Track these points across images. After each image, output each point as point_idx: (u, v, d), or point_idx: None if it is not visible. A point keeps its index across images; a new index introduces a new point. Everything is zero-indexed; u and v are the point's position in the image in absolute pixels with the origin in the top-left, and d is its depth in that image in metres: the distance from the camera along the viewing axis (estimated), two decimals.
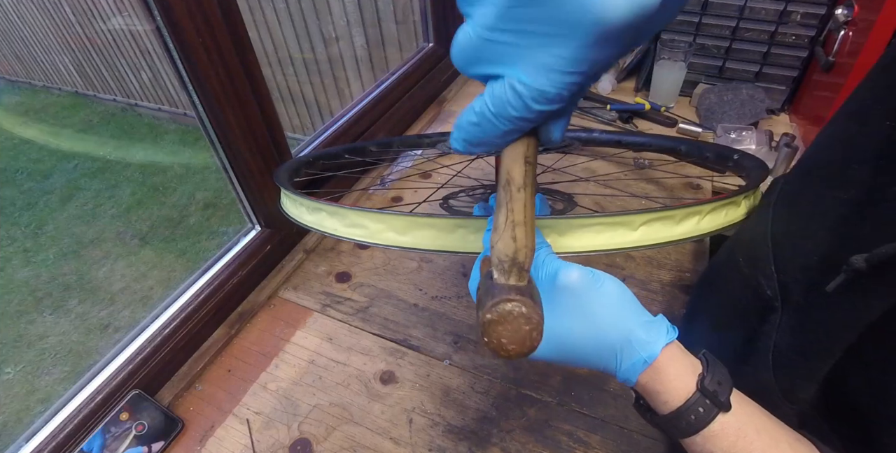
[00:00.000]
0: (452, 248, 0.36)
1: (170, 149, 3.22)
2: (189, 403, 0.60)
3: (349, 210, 0.40)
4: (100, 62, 3.59)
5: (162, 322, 0.63)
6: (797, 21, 0.90)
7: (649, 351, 0.30)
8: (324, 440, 0.55)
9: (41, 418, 0.55)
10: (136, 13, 3.23)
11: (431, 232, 0.36)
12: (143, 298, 2.14)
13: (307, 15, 2.43)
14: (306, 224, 0.46)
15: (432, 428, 0.55)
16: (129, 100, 3.69)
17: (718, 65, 1.00)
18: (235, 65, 0.61)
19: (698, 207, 0.40)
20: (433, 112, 1.09)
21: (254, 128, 0.66)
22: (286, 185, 0.52)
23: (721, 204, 0.42)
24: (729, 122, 0.94)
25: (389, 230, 0.38)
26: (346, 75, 2.56)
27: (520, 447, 0.53)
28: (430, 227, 0.36)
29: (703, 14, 0.96)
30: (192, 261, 2.32)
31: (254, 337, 0.67)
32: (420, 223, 0.36)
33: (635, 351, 0.30)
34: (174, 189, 2.81)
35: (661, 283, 0.70)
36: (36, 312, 2.11)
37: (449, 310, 0.67)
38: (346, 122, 0.91)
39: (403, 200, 0.87)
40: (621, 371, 0.31)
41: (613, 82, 1.09)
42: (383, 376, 0.61)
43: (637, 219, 0.37)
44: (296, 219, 0.48)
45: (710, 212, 0.41)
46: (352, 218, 0.40)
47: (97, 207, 2.71)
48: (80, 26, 3.44)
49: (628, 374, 0.31)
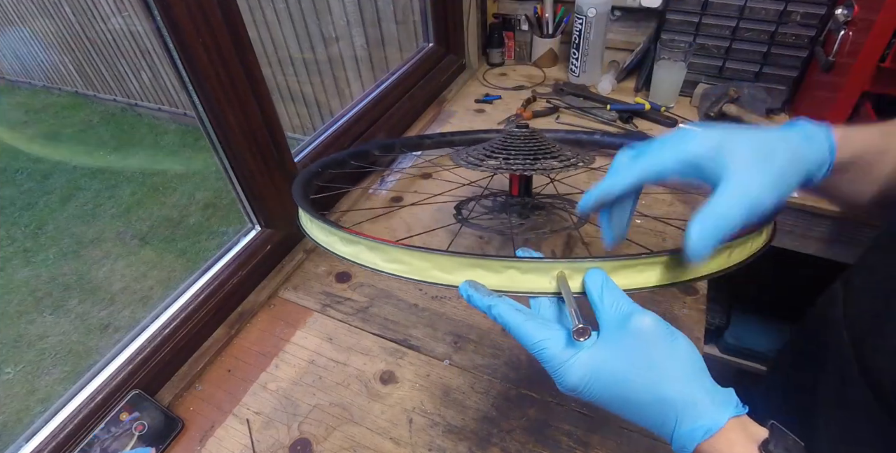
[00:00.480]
0: (503, 288, 0.36)
1: (170, 150, 3.22)
2: (189, 403, 0.60)
3: (391, 247, 0.38)
4: (100, 62, 3.59)
5: (162, 322, 0.63)
6: (797, 21, 0.90)
7: (714, 420, 0.28)
8: (324, 440, 0.55)
9: (41, 418, 0.54)
10: (136, 13, 3.23)
11: (480, 272, 0.36)
12: (143, 298, 2.14)
13: (307, 15, 2.43)
14: (341, 255, 0.43)
15: (432, 428, 0.55)
16: (129, 100, 3.69)
17: (718, 65, 1.00)
18: (235, 65, 0.61)
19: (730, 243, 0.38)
20: (433, 112, 1.09)
21: (254, 128, 0.66)
22: (312, 211, 0.48)
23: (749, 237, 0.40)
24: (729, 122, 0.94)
25: (435, 269, 0.37)
26: (346, 75, 2.56)
27: (520, 447, 0.53)
28: (479, 268, 0.36)
29: (703, 14, 0.96)
30: (192, 261, 2.32)
31: (254, 337, 0.67)
32: (469, 264, 0.36)
33: (698, 417, 0.28)
34: (174, 189, 2.81)
35: None
36: (36, 312, 2.11)
37: (449, 310, 0.67)
38: (346, 122, 0.91)
39: (404, 200, 0.87)
40: (678, 435, 0.29)
41: (613, 82, 1.09)
42: (383, 376, 0.61)
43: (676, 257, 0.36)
44: (328, 248, 0.45)
45: (739, 246, 0.39)
46: (394, 254, 0.38)
47: (97, 207, 2.71)
48: (80, 26, 3.44)
49: (685, 441, 0.28)
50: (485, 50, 1.26)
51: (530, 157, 0.58)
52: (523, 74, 1.22)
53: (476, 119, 1.06)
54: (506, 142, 0.61)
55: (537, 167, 0.56)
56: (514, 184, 0.64)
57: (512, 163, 0.57)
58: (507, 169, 0.56)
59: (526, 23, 1.20)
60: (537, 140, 0.61)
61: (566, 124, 1.02)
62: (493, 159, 0.59)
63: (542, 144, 0.60)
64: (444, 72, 1.14)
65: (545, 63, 1.22)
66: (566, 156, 0.59)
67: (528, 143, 0.60)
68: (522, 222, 0.65)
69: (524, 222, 0.65)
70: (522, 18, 1.20)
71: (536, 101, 1.10)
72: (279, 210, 0.75)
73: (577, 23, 1.05)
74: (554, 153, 0.59)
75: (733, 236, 0.34)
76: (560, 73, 1.20)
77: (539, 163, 0.57)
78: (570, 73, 1.14)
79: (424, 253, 0.36)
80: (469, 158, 0.59)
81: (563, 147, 0.62)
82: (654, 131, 0.98)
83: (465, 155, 0.61)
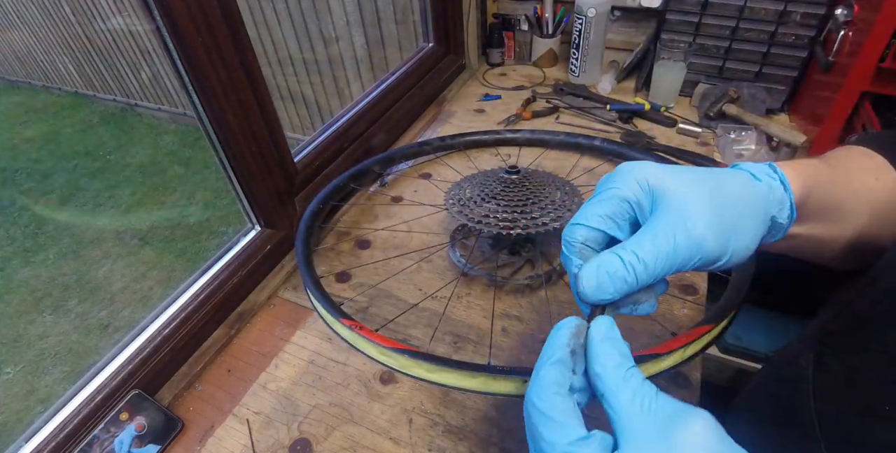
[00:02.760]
0: (477, 389, 0.40)
1: (170, 149, 3.22)
2: (189, 403, 0.60)
3: (385, 348, 0.44)
4: (100, 62, 3.59)
5: (162, 322, 0.63)
6: (797, 21, 0.90)
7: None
8: (324, 440, 0.55)
9: (41, 418, 0.54)
10: (136, 13, 3.23)
11: (456, 375, 0.40)
12: (143, 298, 2.15)
13: (307, 15, 2.43)
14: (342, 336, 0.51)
15: (432, 428, 0.55)
16: (129, 100, 3.70)
17: (718, 65, 1.00)
18: (235, 65, 0.61)
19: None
20: (433, 112, 1.09)
21: (254, 128, 0.66)
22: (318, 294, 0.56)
23: None
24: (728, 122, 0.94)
25: (418, 367, 0.43)
26: (346, 75, 2.56)
27: (520, 447, 0.53)
28: (455, 373, 0.40)
29: (703, 14, 0.96)
30: (191, 260, 2.33)
31: (254, 337, 0.67)
32: (446, 370, 0.41)
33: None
34: (174, 189, 2.81)
35: None
36: (36, 312, 2.11)
37: (449, 310, 0.67)
38: (345, 122, 0.91)
39: (404, 200, 0.87)
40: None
41: (613, 82, 1.09)
42: (383, 376, 0.61)
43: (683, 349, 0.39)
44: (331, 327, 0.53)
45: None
46: (387, 353, 0.45)
47: (97, 207, 2.72)
48: (80, 26, 3.45)
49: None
50: (485, 50, 1.26)
51: (520, 207, 0.63)
52: (523, 74, 1.22)
53: (476, 119, 1.06)
54: (496, 188, 0.66)
55: (522, 225, 0.61)
56: None
57: (500, 214, 0.62)
58: (494, 228, 0.61)
59: (526, 23, 1.20)
60: (526, 186, 0.66)
61: (566, 124, 1.02)
62: (483, 206, 0.64)
63: (532, 191, 0.65)
64: (444, 72, 1.14)
65: (545, 63, 1.22)
66: (553, 202, 0.63)
67: (517, 190, 0.66)
68: (512, 260, 0.70)
69: (514, 260, 0.70)
70: (522, 18, 1.20)
71: (536, 101, 1.10)
72: (279, 210, 0.75)
73: (577, 23, 1.05)
74: (542, 201, 0.64)
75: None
76: (560, 73, 1.20)
77: (525, 217, 0.62)
78: (570, 73, 1.14)
79: (409, 358, 0.43)
80: (464, 211, 0.65)
81: (553, 188, 0.67)
82: (653, 131, 0.98)
83: (458, 197, 0.68)
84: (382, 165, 0.87)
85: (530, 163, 0.90)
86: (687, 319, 0.64)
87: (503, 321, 0.66)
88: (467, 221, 0.63)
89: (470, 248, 0.73)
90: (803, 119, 0.95)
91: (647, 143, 0.93)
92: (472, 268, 0.70)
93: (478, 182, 0.69)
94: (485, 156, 0.95)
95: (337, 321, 0.50)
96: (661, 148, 0.92)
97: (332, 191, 0.78)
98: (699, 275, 0.69)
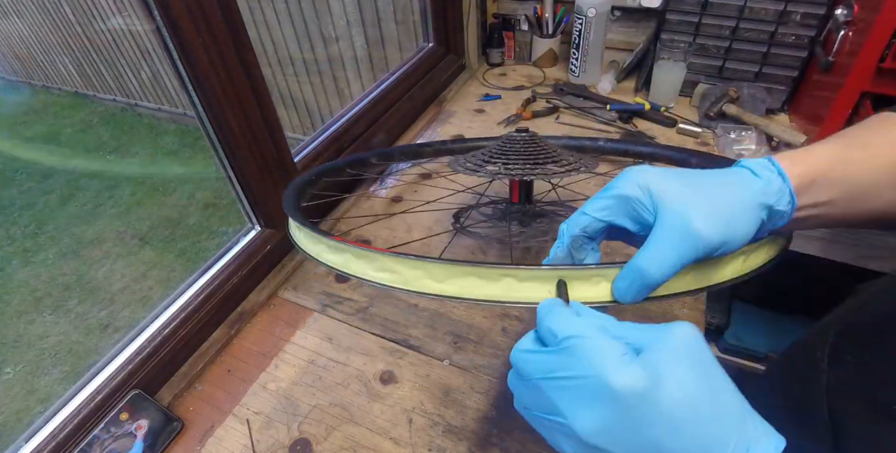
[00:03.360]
0: (498, 298, 0.33)
1: (169, 149, 3.22)
2: (189, 403, 0.60)
3: (381, 255, 0.36)
4: (100, 62, 3.59)
5: (162, 322, 0.63)
6: (797, 21, 0.90)
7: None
8: (324, 440, 0.55)
9: (41, 418, 0.54)
10: (136, 13, 3.23)
11: (474, 280, 0.33)
12: (143, 298, 2.15)
13: (307, 15, 2.43)
14: (329, 264, 0.41)
15: (432, 428, 0.55)
16: (128, 100, 3.70)
17: (718, 65, 1.00)
18: (235, 65, 0.61)
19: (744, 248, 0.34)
20: (433, 112, 1.09)
21: (254, 128, 0.66)
22: (299, 218, 0.46)
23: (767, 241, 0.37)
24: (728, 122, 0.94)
25: (427, 277, 0.34)
26: (346, 75, 2.56)
27: (520, 447, 0.53)
28: (473, 276, 0.33)
29: (703, 14, 0.96)
30: (191, 260, 2.33)
31: (254, 337, 0.67)
32: (462, 272, 0.33)
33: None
34: (174, 189, 2.81)
35: None
36: (35, 312, 2.11)
37: (449, 310, 0.67)
38: (346, 122, 0.91)
39: (403, 200, 0.87)
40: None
41: (613, 82, 1.09)
42: (383, 376, 0.61)
43: None
44: (316, 258, 0.43)
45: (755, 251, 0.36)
46: (383, 262, 0.36)
47: (97, 207, 2.72)
48: (80, 26, 3.45)
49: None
50: (485, 50, 1.26)
51: (530, 162, 0.56)
52: (523, 74, 1.22)
53: (476, 119, 1.06)
54: (505, 146, 0.59)
55: (537, 172, 0.54)
56: (515, 191, 0.63)
57: (511, 168, 0.55)
58: (507, 174, 0.55)
59: (526, 23, 1.20)
60: (538, 144, 0.60)
61: (566, 124, 1.02)
62: (493, 164, 0.57)
63: (543, 149, 0.59)
64: (444, 72, 1.14)
65: (545, 63, 1.22)
66: (568, 161, 0.57)
67: (528, 148, 0.59)
68: (523, 230, 0.63)
69: (525, 230, 0.63)
70: (522, 18, 1.20)
71: (536, 101, 1.10)
72: (279, 210, 0.75)
73: (577, 23, 1.05)
74: (555, 158, 0.57)
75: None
76: (560, 73, 1.20)
77: (539, 169, 0.55)
78: (570, 73, 1.14)
79: (415, 260, 0.34)
80: (467, 164, 0.58)
81: (564, 152, 0.60)
82: (653, 131, 0.98)
83: (462, 161, 0.60)
84: (380, 158, 0.83)
85: None
86: (687, 319, 0.64)
87: (503, 321, 0.66)
88: (481, 172, 0.55)
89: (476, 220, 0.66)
90: (803, 119, 0.95)
91: (647, 143, 0.93)
92: (482, 236, 0.62)
93: (483, 151, 0.62)
94: None
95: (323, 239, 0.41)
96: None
97: (325, 169, 0.71)
98: None
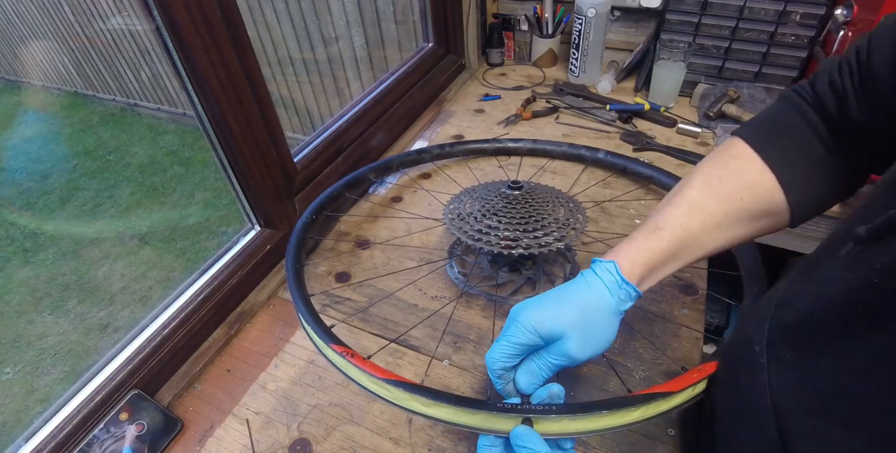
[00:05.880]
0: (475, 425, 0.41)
1: (169, 149, 3.22)
2: (188, 403, 0.60)
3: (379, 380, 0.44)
4: (100, 62, 3.59)
5: (161, 322, 0.63)
6: (797, 21, 0.90)
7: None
8: (323, 440, 0.55)
9: (40, 418, 0.54)
10: (136, 13, 3.23)
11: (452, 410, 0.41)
12: (143, 298, 2.14)
13: (307, 15, 2.43)
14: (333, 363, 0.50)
15: (432, 428, 0.55)
16: (128, 100, 3.69)
17: (718, 65, 1.00)
18: (235, 65, 0.61)
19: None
20: (433, 112, 1.09)
21: (253, 128, 0.66)
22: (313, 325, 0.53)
23: None
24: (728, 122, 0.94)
25: (415, 401, 0.43)
26: (346, 75, 2.56)
27: None
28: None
29: (702, 14, 0.96)
30: (191, 260, 2.32)
31: (253, 337, 0.67)
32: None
33: None
34: (174, 189, 2.81)
35: (660, 283, 0.69)
36: (35, 312, 2.11)
37: (449, 310, 0.67)
38: (345, 122, 0.91)
39: (403, 200, 0.87)
40: None
41: (613, 82, 1.09)
42: None
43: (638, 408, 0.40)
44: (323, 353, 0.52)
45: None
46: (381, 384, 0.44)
47: (97, 207, 2.71)
48: (80, 26, 3.44)
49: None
50: (484, 50, 1.26)
51: (521, 224, 0.61)
52: (523, 74, 1.22)
53: (476, 119, 1.06)
54: (498, 205, 0.64)
55: (524, 244, 0.60)
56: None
57: (502, 231, 0.61)
58: (495, 246, 0.60)
59: (525, 23, 1.20)
60: (529, 203, 0.64)
61: (566, 124, 1.02)
62: (486, 220, 0.62)
63: (535, 207, 0.64)
64: (444, 72, 1.14)
65: (545, 63, 1.22)
66: (557, 222, 0.62)
67: (521, 206, 0.63)
68: (513, 278, 0.69)
69: (514, 278, 0.69)
70: (522, 18, 1.20)
71: (536, 101, 1.10)
72: (279, 210, 0.75)
73: (577, 23, 1.05)
74: (546, 220, 0.62)
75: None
76: (560, 73, 1.20)
77: (527, 237, 0.60)
78: (570, 73, 1.14)
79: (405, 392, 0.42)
80: (464, 227, 0.63)
81: (556, 206, 0.65)
82: (653, 131, 0.98)
83: (457, 217, 0.65)
84: (378, 173, 0.85)
85: (532, 175, 0.89)
86: (687, 319, 0.64)
87: (503, 321, 0.66)
88: (467, 239, 0.61)
89: (469, 266, 0.72)
90: None
91: (647, 144, 0.93)
92: (471, 287, 0.68)
93: (478, 195, 0.67)
94: (485, 161, 0.95)
95: (327, 346, 0.49)
96: (661, 148, 0.92)
97: (325, 200, 0.75)
98: (699, 276, 0.69)
